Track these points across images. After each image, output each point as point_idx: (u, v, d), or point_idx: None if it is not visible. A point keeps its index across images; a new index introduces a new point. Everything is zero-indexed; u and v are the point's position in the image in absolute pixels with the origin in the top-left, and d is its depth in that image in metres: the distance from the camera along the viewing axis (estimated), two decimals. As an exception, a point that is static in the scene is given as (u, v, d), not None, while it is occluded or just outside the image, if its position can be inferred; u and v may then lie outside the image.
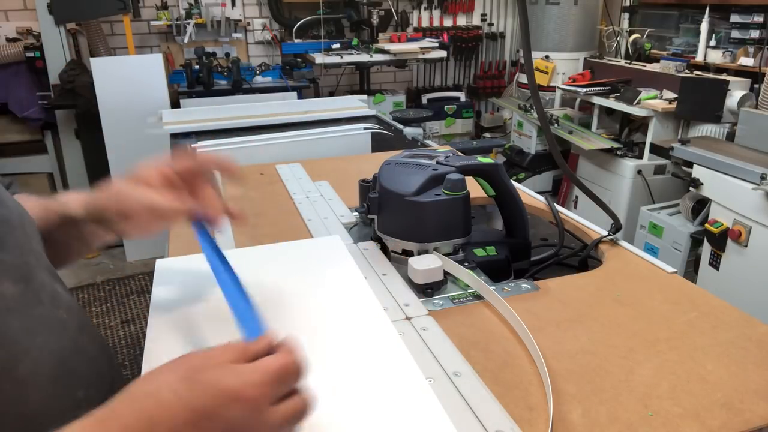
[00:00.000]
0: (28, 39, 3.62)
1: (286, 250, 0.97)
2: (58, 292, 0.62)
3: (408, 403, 0.59)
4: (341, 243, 0.98)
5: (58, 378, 0.56)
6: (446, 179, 0.89)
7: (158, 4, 3.90)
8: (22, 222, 0.60)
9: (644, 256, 0.98)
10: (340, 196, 1.29)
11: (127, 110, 3.17)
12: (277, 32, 4.26)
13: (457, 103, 4.55)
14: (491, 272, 0.93)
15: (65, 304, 0.62)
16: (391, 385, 0.62)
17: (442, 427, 0.56)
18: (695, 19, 3.62)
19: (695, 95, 2.86)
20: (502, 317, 0.79)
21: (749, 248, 2.24)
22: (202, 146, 1.69)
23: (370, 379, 0.63)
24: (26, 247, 0.59)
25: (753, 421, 0.60)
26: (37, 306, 0.57)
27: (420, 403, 0.59)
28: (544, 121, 1.03)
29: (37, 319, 0.57)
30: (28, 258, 0.59)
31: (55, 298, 0.61)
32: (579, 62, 3.96)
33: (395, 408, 0.59)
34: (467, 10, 4.71)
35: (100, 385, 0.62)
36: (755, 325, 0.77)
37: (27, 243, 0.60)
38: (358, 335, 0.71)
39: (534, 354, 0.70)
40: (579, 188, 1.09)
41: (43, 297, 0.59)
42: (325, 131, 1.89)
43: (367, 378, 0.63)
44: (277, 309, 0.77)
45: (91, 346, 0.64)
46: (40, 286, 0.59)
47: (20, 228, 0.59)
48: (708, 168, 2.40)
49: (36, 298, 0.57)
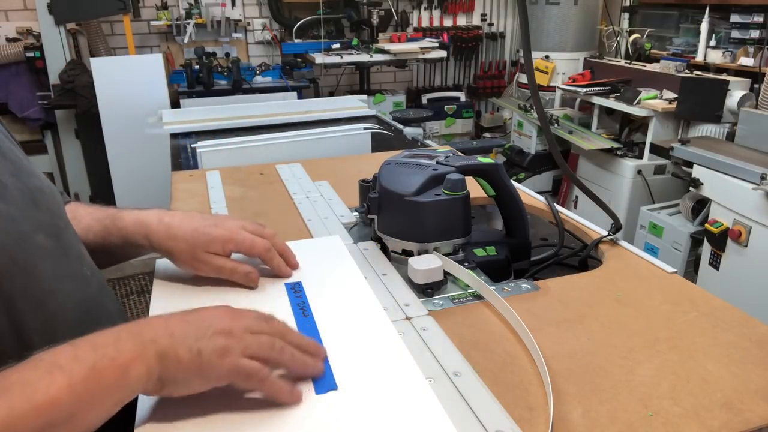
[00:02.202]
0: (28, 39, 3.62)
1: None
2: (83, 253, 0.70)
3: (408, 403, 0.59)
4: (341, 243, 0.98)
5: (82, 320, 0.64)
6: (446, 179, 0.89)
7: (158, 4, 3.90)
8: (52, 192, 0.69)
9: (644, 256, 0.98)
10: (340, 196, 1.28)
11: (127, 110, 3.17)
12: (277, 32, 4.26)
13: (457, 103, 4.55)
14: (491, 272, 0.93)
15: (88, 264, 0.70)
16: (391, 385, 0.62)
17: (442, 427, 0.56)
18: (695, 19, 3.62)
19: (695, 95, 2.86)
20: (502, 317, 0.79)
21: (749, 248, 2.24)
22: (202, 146, 1.69)
23: (370, 378, 0.63)
24: (57, 212, 0.68)
25: (753, 421, 0.60)
26: (65, 259, 0.65)
27: (420, 403, 0.59)
28: (544, 121, 1.03)
29: (65, 270, 0.65)
30: (59, 221, 0.67)
31: (81, 257, 0.69)
32: (579, 62, 3.96)
33: (395, 408, 0.59)
34: (467, 10, 4.71)
35: None
36: (755, 325, 0.77)
37: (57, 209, 0.68)
38: (358, 335, 0.71)
39: (534, 354, 0.70)
40: (579, 188, 1.09)
41: (70, 253, 0.67)
42: (325, 131, 1.89)
43: (367, 378, 0.63)
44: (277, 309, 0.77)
45: (110, 304, 0.72)
46: (68, 244, 0.67)
47: (51, 196, 0.68)
48: (708, 168, 2.40)
49: (65, 253, 0.66)
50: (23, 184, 0.63)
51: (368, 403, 0.59)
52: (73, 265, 0.67)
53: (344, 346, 0.68)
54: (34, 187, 0.65)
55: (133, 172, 3.21)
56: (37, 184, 0.66)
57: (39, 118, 3.66)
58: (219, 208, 1.22)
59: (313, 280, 0.84)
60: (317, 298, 0.79)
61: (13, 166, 0.64)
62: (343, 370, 0.64)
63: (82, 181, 3.78)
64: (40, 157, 3.78)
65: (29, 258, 0.60)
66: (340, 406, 0.59)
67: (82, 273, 0.68)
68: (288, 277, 0.84)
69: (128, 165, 3.22)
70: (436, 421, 0.57)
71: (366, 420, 0.57)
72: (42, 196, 0.66)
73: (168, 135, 2.06)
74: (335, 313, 0.76)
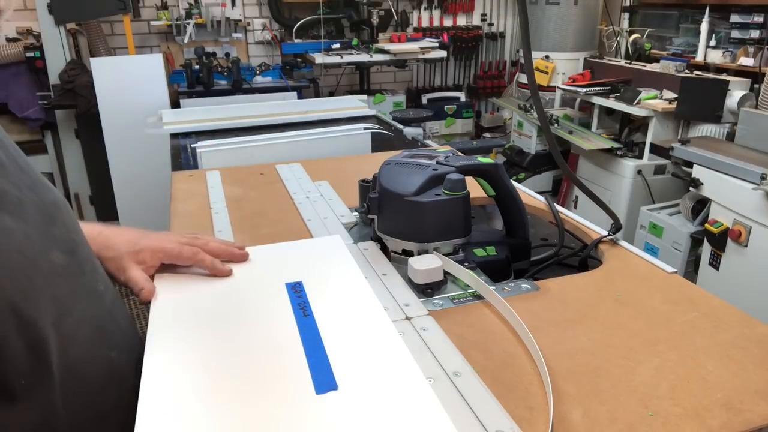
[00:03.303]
0: (28, 39, 3.62)
1: (287, 249, 0.97)
2: (97, 268, 0.71)
3: (408, 403, 0.59)
4: (342, 243, 0.98)
5: (95, 339, 0.64)
6: (446, 179, 0.89)
7: (158, 4, 3.90)
8: (65, 204, 0.69)
9: (644, 256, 0.98)
10: (340, 196, 1.28)
11: (127, 110, 3.16)
12: (277, 32, 4.26)
13: (457, 103, 4.54)
14: (491, 272, 0.93)
15: (102, 278, 0.71)
16: (392, 385, 0.62)
17: (442, 427, 0.56)
18: (695, 19, 3.62)
19: (695, 95, 2.86)
20: (502, 317, 0.79)
21: (749, 248, 2.24)
22: (202, 146, 1.69)
23: (371, 378, 0.63)
24: (72, 225, 0.68)
25: (753, 421, 0.60)
26: (81, 276, 0.65)
27: (420, 403, 0.59)
28: (544, 121, 1.03)
29: (81, 287, 0.65)
30: (74, 235, 0.67)
31: (95, 271, 0.69)
32: (579, 62, 3.96)
33: (395, 408, 0.59)
34: (467, 10, 4.71)
35: (129, 350, 0.70)
36: (755, 325, 0.77)
37: (72, 222, 0.68)
38: (358, 335, 0.71)
39: (534, 354, 0.70)
40: (579, 188, 1.09)
41: (86, 269, 0.67)
42: (325, 131, 1.89)
43: (367, 378, 0.63)
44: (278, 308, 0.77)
45: (122, 319, 0.73)
46: (83, 260, 0.67)
47: (65, 209, 0.68)
48: (708, 168, 2.40)
49: (80, 269, 0.65)
50: (40, 199, 0.63)
51: (368, 403, 0.59)
52: (88, 282, 0.67)
53: (345, 346, 0.68)
54: (50, 201, 0.64)
55: (133, 172, 3.21)
56: (52, 198, 0.65)
57: (39, 118, 3.66)
58: (219, 208, 1.22)
59: (313, 280, 0.84)
60: (318, 298, 0.79)
61: (30, 180, 0.63)
62: (343, 370, 0.64)
63: (82, 181, 3.78)
64: (40, 157, 3.78)
65: (46, 278, 0.59)
66: (341, 406, 0.59)
67: (96, 289, 0.68)
68: (227, 276, 0.85)
69: (128, 165, 3.22)
70: (436, 421, 0.57)
71: (366, 420, 0.57)
72: (57, 211, 0.65)
73: (168, 135, 2.06)
74: (336, 313, 0.76)
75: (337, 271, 0.88)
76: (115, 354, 0.66)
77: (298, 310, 0.76)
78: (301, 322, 0.73)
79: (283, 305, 0.77)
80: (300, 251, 0.91)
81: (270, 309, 0.77)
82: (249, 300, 0.80)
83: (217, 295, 0.80)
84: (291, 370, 0.64)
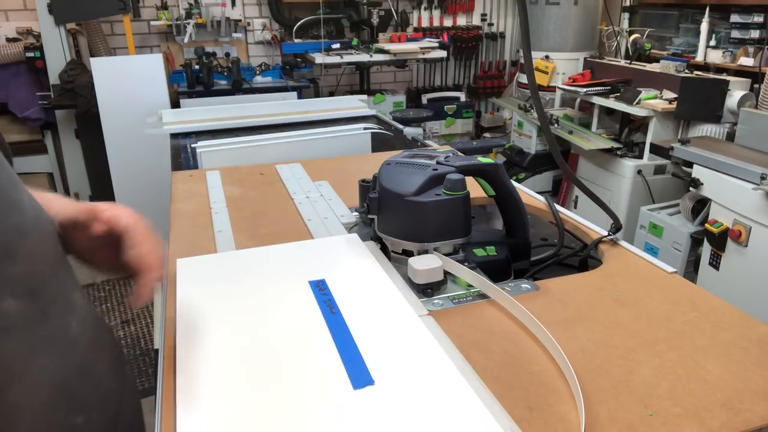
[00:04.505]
0: (28, 39, 3.62)
1: (306, 248, 0.99)
2: (73, 302, 0.58)
3: (444, 396, 0.61)
4: (360, 241, 0.99)
5: (55, 403, 0.53)
6: (446, 179, 0.89)
7: (158, 4, 3.90)
8: (37, 227, 0.56)
9: (644, 256, 0.98)
10: (340, 196, 1.28)
11: (127, 110, 3.17)
12: (277, 32, 4.26)
13: (457, 103, 4.54)
14: (491, 272, 0.93)
15: (80, 315, 0.59)
16: (426, 379, 0.64)
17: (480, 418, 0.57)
18: (695, 19, 3.62)
19: (695, 95, 2.86)
20: (502, 317, 0.79)
21: (749, 248, 2.24)
22: (202, 146, 1.69)
23: (404, 373, 0.64)
24: (39, 255, 0.55)
25: (753, 421, 0.60)
26: (42, 323, 0.53)
27: (456, 396, 0.61)
28: (544, 121, 1.03)
29: (41, 339, 0.53)
30: (42, 267, 0.55)
31: (69, 309, 0.57)
32: (579, 62, 3.96)
33: (433, 401, 0.60)
34: (467, 10, 4.71)
35: (104, 407, 0.60)
36: (755, 325, 0.77)
37: (41, 250, 0.55)
38: (386, 330, 0.73)
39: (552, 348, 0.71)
40: (579, 188, 1.09)
41: (51, 311, 0.54)
42: (325, 131, 1.89)
43: (401, 372, 0.64)
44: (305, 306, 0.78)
45: (101, 364, 0.61)
46: (51, 299, 0.55)
47: (35, 234, 0.55)
48: (708, 168, 2.40)
49: (42, 314, 0.53)
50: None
51: (406, 398, 0.60)
52: (52, 328, 0.54)
53: (374, 342, 0.70)
54: (12, 227, 0.51)
55: (133, 172, 3.21)
56: (16, 222, 0.52)
57: (39, 118, 3.66)
58: (219, 208, 1.22)
59: (336, 278, 0.86)
60: (342, 295, 0.81)
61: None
62: (377, 365, 0.65)
63: (82, 181, 3.78)
64: (40, 157, 3.78)
65: None
66: (379, 400, 0.60)
67: (65, 335, 0.56)
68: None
69: (128, 165, 3.22)
70: (475, 414, 0.58)
71: (406, 414, 0.58)
72: (19, 239, 0.52)
73: (168, 135, 2.06)
74: (362, 310, 0.77)
75: (358, 267, 0.90)
76: (81, 419, 0.56)
77: (324, 307, 0.77)
78: (329, 319, 0.74)
79: (309, 303, 0.79)
80: (319, 250, 0.92)
81: (298, 307, 0.78)
82: (276, 298, 0.81)
83: (242, 295, 0.82)
84: (326, 367, 0.65)
